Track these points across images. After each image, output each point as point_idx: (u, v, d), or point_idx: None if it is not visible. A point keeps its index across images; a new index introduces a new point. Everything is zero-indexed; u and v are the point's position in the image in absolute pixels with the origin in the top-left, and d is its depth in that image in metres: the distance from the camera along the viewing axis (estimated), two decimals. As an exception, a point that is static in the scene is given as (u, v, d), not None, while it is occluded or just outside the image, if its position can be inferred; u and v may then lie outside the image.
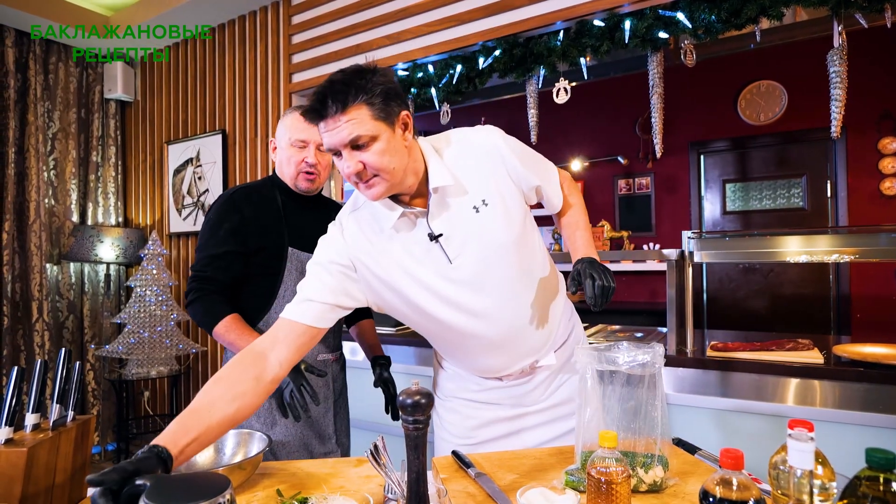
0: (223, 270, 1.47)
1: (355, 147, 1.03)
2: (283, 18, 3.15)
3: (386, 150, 1.04)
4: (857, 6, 1.80)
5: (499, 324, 1.18)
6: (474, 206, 1.14)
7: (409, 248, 1.15)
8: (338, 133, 1.01)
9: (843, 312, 3.55)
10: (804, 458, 0.66)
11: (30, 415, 1.07)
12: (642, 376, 1.13)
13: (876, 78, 3.17)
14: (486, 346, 1.21)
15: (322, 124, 1.03)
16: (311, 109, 1.03)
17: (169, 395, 3.68)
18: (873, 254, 1.89)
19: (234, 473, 1.06)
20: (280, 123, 1.57)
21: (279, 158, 1.56)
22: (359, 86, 1.01)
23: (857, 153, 3.47)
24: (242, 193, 1.54)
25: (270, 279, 1.51)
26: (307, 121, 1.07)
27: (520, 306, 1.19)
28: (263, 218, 1.52)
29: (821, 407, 1.68)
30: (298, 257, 1.52)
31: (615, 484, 0.91)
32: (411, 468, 0.87)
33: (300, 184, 1.54)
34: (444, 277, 1.14)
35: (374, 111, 1.02)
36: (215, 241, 1.47)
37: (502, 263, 1.15)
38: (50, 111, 3.65)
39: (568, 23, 2.26)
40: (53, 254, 3.65)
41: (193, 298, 1.45)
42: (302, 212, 1.58)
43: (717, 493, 0.74)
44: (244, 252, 1.48)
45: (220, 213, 1.50)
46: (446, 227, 1.14)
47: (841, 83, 1.88)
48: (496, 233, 1.14)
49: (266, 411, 1.50)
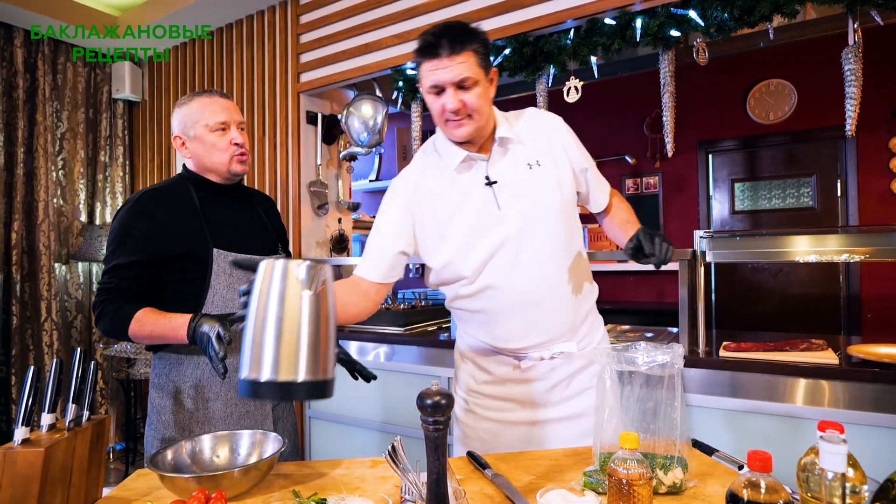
0: (130, 281, 1.34)
1: (460, 87, 1.17)
2: (291, 18, 3.15)
3: (482, 95, 1.20)
4: (874, 3, 1.78)
5: (529, 282, 1.25)
6: (528, 163, 1.27)
7: (466, 191, 1.27)
8: (450, 71, 1.15)
9: (853, 313, 3.52)
10: (836, 461, 0.65)
11: (45, 414, 1.06)
12: (661, 377, 1.12)
13: (886, 77, 3.15)
14: (513, 305, 1.27)
15: (434, 62, 1.16)
16: (428, 45, 1.16)
17: (176, 394, 3.69)
18: (885, 253, 1.87)
19: (249, 474, 1.06)
20: (181, 115, 1.42)
21: (197, 150, 1.42)
22: (471, 34, 1.17)
23: (868, 152, 3.45)
24: (151, 195, 1.39)
25: (195, 284, 1.38)
26: (426, 58, 1.17)
27: (551, 273, 1.27)
28: (179, 221, 1.38)
29: (836, 408, 1.66)
30: (225, 258, 1.40)
31: (637, 486, 0.90)
32: (431, 469, 0.86)
33: (235, 167, 1.42)
34: (491, 222, 1.25)
35: (480, 59, 1.18)
36: (122, 250, 1.33)
37: (544, 224, 1.25)
38: (58, 111, 3.66)
39: (579, 21, 2.25)
40: (62, 253, 3.66)
41: (99, 311, 1.32)
42: (222, 207, 1.45)
43: (745, 495, 0.73)
44: (157, 261, 1.35)
45: (126, 220, 1.35)
46: (501, 176, 1.26)
47: (856, 81, 1.86)
48: (545, 192, 1.26)
49: (200, 410, 1.40)
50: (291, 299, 0.82)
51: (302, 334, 0.82)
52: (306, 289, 0.82)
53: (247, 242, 1.46)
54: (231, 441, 1.20)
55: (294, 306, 0.82)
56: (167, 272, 1.37)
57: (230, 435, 1.21)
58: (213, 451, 1.18)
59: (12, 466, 0.92)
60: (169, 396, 1.40)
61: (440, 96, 1.20)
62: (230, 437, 1.21)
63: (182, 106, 1.43)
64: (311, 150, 3.18)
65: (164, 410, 1.41)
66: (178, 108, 1.44)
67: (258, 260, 0.92)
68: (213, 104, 1.39)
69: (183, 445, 1.17)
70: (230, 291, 1.40)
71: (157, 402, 1.42)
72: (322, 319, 0.84)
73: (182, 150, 1.44)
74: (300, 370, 0.82)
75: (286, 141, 3.19)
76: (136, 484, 1.15)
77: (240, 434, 1.22)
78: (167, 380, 1.42)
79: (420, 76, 1.23)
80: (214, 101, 1.41)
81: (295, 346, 0.81)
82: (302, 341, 0.82)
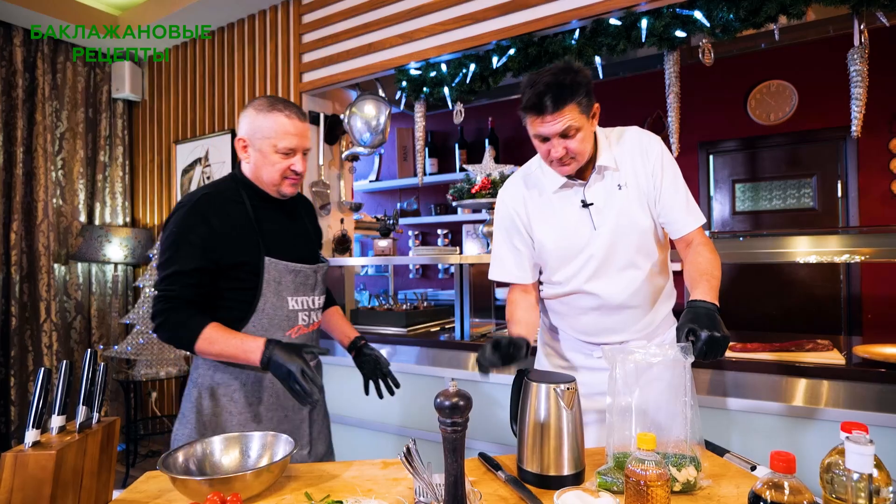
0: (192, 288, 1.32)
1: (563, 136, 1.28)
2: (293, 17, 3.14)
3: (584, 138, 1.31)
4: (880, 4, 1.78)
5: (612, 290, 1.40)
6: (619, 184, 1.39)
7: (565, 211, 1.41)
8: (553, 125, 1.27)
9: (853, 313, 3.53)
10: (863, 462, 0.65)
11: (55, 417, 1.05)
12: (673, 375, 1.12)
13: (887, 78, 3.16)
14: (594, 306, 1.43)
15: (539, 118, 1.27)
16: (533, 107, 1.27)
17: (177, 395, 3.67)
18: (886, 254, 1.88)
19: (262, 476, 1.05)
20: (255, 122, 1.39)
21: (257, 160, 1.40)
22: (571, 88, 1.25)
23: (869, 153, 3.45)
24: (208, 200, 1.38)
25: (247, 293, 1.38)
26: (526, 112, 1.28)
27: (632, 282, 1.40)
28: (234, 229, 1.37)
29: (843, 408, 1.66)
30: (276, 267, 1.40)
31: (654, 486, 0.89)
32: (449, 471, 0.85)
33: (284, 189, 1.43)
34: (585, 240, 1.39)
35: (582, 108, 1.27)
36: (181, 255, 1.32)
37: (629, 240, 1.38)
38: (58, 111, 3.64)
39: (584, 21, 2.24)
40: (61, 254, 3.64)
41: (162, 319, 1.31)
42: (272, 214, 1.45)
43: (769, 496, 0.73)
44: (215, 269, 1.34)
45: (184, 226, 1.34)
46: (596, 198, 1.39)
47: (862, 82, 1.86)
48: (631, 212, 1.38)
49: (244, 413, 1.40)
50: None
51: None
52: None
53: (295, 250, 1.47)
54: (241, 443, 1.20)
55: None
56: (221, 279, 1.37)
57: (241, 437, 1.21)
58: (224, 453, 1.17)
59: (24, 469, 0.91)
60: (212, 397, 1.39)
61: (545, 143, 1.32)
62: (241, 438, 1.20)
63: (258, 113, 1.39)
64: (313, 150, 3.17)
65: (204, 410, 1.40)
66: (254, 113, 1.39)
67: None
68: (290, 127, 1.38)
69: (193, 447, 1.16)
70: (279, 299, 1.41)
71: (196, 401, 1.41)
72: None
73: (242, 152, 1.43)
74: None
75: (288, 141, 3.17)
76: (147, 486, 1.14)
77: (250, 436, 1.21)
78: (211, 380, 1.40)
79: (525, 122, 1.34)
80: (292, 125, 1.39)
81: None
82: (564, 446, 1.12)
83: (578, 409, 1.14)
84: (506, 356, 1.25)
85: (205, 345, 1.31)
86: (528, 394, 1.15)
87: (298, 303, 1.45)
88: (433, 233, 4.89)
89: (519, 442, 1.17)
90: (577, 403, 1.14)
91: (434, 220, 4.62)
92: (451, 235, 4.80)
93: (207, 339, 1.31)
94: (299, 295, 1.45)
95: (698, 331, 1.13)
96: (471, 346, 2.40)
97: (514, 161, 4.29)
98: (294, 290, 1.44)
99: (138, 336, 3.22)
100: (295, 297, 1.44)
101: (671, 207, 1.39)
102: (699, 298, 1.23)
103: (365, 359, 1.59)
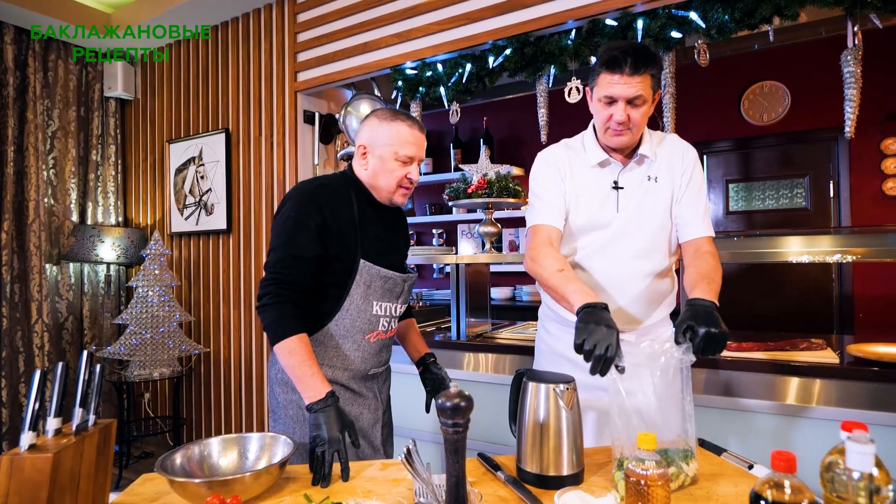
0: (305, 275, 1.35)
1: (630, 103, 1.33)
2: (288, 16, 3.13)
3: (646, 113, 1.36)
4: (873, 6, 1.80)
5: (614, 272, 1.44)
6: (649, 175, 1.45)
7: (598, 185, 1.46)
8: (629, 88, 1.30)
9: (845, 312, 3.56)
10: (864, 461, 0.66)
11: (51, 419, 1.04)
12: (674, 373, 1.12)
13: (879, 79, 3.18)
14: (595, 285, 1.45)
15: (615, 76, 1.30)
16: (613, 61, 1.30)
17: (171, 396, 3.64)
18: (877, 254, 1.89)
19: (261, 478, 1.04)
20: (377, 130, 1.44)
21: (375, 167, 1.44)
22: (653, 58, 1.31)
23: (861, 154, 3.49)
24: (324, 192, 1.41)
25: (338, 289, 1.41)
26: (608, 71, 1.31)
27: (635, 270, 1.44)
28: (340, 224, 1.40)
29: (838, 407, 1.67)
30: (369, 271, 1.42)
31: (655, 486, 0.89)
32: (451, 472, 0.85)
33: (396, 198, 1.47)
34: (608, 219, 1.44)
35: (653, 83, 1.33)
36: (300, 241, 1.34)
37: (644, 229, 1.43)
38: (49, 109, 3.60)
39: (580, 22, 2.25)
40: (53, 254, 3.60)
41: (268, 303, 1.32)
42: (375, 222, 1.48)
43: (770, 496, 0.73)
44: (324, 257, 1.38)
45: (303, 210, 1.37)
46: (627, 183, 1.44)
47: (855, 83, 1.88)
48: (654, 204, 1.43)
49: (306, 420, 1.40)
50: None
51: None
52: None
53: (388, 257, 1.49)
54: (240, 444, 1.19)
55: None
56: (324, 272, 1.39)
57: (239, 438, 1.20)
58: (222, 455, 1.17)
59: (20, 473, 0.90)
60: (295, 391, 1.39)
61: (610, 106, 1.35)
62: (239, 440, 1.20)
63: (382, 122, 1.44)
64: (308, 150, 3.15)
65: (290, 405, 1.41)
66: (377, 122, 1.44)
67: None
68: (411, 136, 1.43)
69: (191, 449, 1.15)
70: (365, 303, 1.43)
71: (282, 397, 1.43)
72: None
73: (362, 159, 1.46)
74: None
75: (283, 140, 3.16)
76: (143, 489, 1.13)
77: (249, 437, 1.20)
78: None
79: (595, 84, 1.37)
80: (413, 134, 1.44)
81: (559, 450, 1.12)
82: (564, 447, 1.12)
83: (577, 408, 1.14)
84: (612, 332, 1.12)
85: (285, 349, 1.30)
86: (527, 394, 1.15)
87: (382, 308, 1.47)
88: (428, 232, 4.89)
89: (518, 442, 1.17)
90: (576, 403, 1.14)
91: (429, 219, 4.62)
92: (445, 235, 4.80)
93: (290, 347, 1.30)
94: (385, 301, 1.47)
95: (696, 327, 1.14)
96: (468, 346, 2.40)
97: (510, 161, 4.30)
98: (381, 296, 1.46)
99: (132, 337, 3.20)
100: (380, 302, 1.46)
101: (689, 208, 1.44)
102: (698, 297, 1.24)
103: (430, 376, 1.62)
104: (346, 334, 1.42)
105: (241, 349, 3.36)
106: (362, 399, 1.48)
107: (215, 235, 3.49)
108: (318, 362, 1.40)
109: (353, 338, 1.43)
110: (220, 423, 3.49)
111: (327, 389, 1.28)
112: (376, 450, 1.50)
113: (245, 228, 3.34)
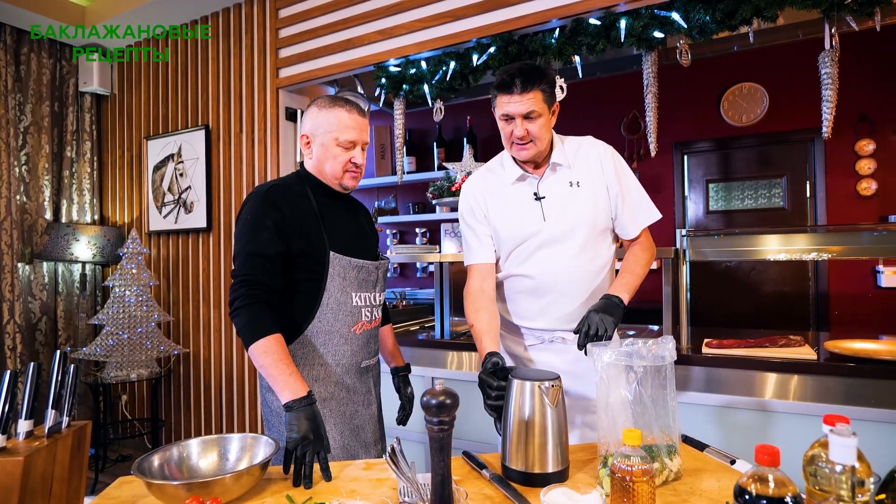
0: (273, 274, 1.34)
1: (526, 118, 1.41)
2: (269, 11, 3.08)
3: (544, 125, 1.44)
4: (849, 9, 1.83)
5: (550, 274, 1.49)
6: (570, 181, 1.51)
7: (521, 199, 1.52)
8: (521, 105, 1.39)
9: (821, 309, 3.63)
10: (847, 454, 0.66)
11: (23, 421, 1.01)
12: (657, 370, 1.13)
13: (853, 81, 3.25)
14: (534, 288, 1.51)
15: (508, 96, 1.40)
16: (504, 84, 1.40)
17: (149, 398, 3.57)
18: (851, 252, 1.93)
19: (242, 479, 1.02)
20: (317, 118, 1.45)
21: (319, 155, 1.46)
22: (540, 76, 1.40)
23: (836, 155, 3.56)
24: (278, 190, 1.42)
25: (314, 284, 1.41)
26: (501, 92, 1.40)
27: (572, 270, 1.49)
28: (302, 219, 1.41)
29: (817, 402, 1.70)
30: (340, 262, 1.42)
31: (639, 482, 0.90)
32: (436, 470, 0.84)
33: (346, 182, 1.49)
34: (536, 228, 1.49)
35: (545, 97, 1.42)
36: (261, 240, 1.34)
37: (575, 235, 1.48)
38: (21, 104, 3.50)
39: (564, 21, 2.25)
40: (25, 253, 3.50)
41: (239, 306, 1.31)
42: (335, 211, 1.49)
43: (754, 490, 0.74)
44: (289, 254, 1.38)
45: (259, 211, 1.37)
46: (548, 192, 1.50)
47: (832, 84, 1.91)
48: (580, 208, 1.48)
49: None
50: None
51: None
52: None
53: (356, 247, 1.49)
54: (220, 445, 1.16)
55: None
56: (293, 269, 1.39)
57: (219, 439, 1.17)
58: (202, 457, 1.14)
59: (-12, 477, 0.87)
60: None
61: (509, 123, 1.44)
62: (219, 441, 1.17)
63: (321, 109, 1.45)
64: (290, 148, 3.11)
65: (283, 412, 1.37)
66: (316, 110, 1.46)
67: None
68: (350, 121, 1.44)
69: (169, 451, 1.12)
70: (344, 295, 1.44)
71: (275, 405, 1.40)
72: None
73: (306, 149, 1.49)
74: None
75: (265, 137, 3.12)
76: (119, 492, 1.10)
77: (229, 438, 1.18)
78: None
79: (494, 105, 1.46)
80: (353, 119, 1.45)
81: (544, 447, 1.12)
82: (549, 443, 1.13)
83: (563, 406, 1.14)
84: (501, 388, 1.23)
85: (259, 349, 1.28)
86: (512, 392, 1.15)
87: (362, 299, 1.48)
88: (411, 231, 4.87)
89: (503, 440, 1.16)
90: (561, 401, 1.14)
91: (412, 218, 4.60)
92: (429, 234, 4.79)
93: (264, 347, 1.28)
94: (363, 291, 1.48)
95: (589, 314, 1.32)
96: (452, 344, 2.39)
97: (493, 160, 4.30)
98: (358, 286, 1.46)
99: (108, 337, 3.12)
100: (359, 292, 1.47)
101: (624, 212, 1.53)
102: (611, 293, 1.40)
103: (400, 393, 1.70)
104: (332, 330, 1.42)
105: (222, 350, 3.31)
106: (357, 396, 1.48)
107: (195, 234, 3.43)
108: (310, 362, 1.41)
109: (339, 332, 1.43)
110: (199, 424, 3.42)
111: (307, 388, 1.26)
112: (371, 445, 1.50)
113: (226, 227, 3.29)
